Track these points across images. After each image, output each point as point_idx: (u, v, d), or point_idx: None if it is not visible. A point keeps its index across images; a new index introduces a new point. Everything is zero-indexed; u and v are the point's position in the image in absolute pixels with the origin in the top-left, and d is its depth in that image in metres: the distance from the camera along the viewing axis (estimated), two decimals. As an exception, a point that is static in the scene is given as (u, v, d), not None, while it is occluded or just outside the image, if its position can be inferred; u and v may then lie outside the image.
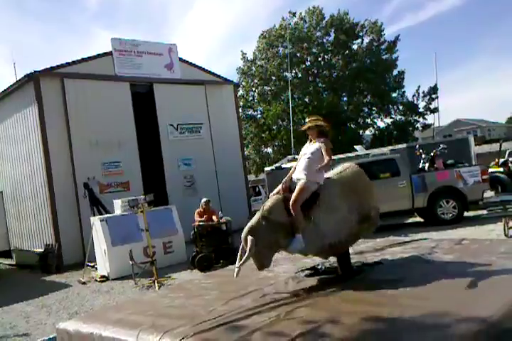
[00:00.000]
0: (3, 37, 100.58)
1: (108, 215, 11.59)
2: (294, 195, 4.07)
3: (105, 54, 15.01)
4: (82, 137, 13.98)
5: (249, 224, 3.96)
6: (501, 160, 16.39)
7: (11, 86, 14.65)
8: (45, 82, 13.67)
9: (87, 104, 14.18)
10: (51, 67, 13.96)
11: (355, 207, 4.16)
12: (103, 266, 10.73)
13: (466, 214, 12.07)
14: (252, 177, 27.97)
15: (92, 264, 11.46)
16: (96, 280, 10.42)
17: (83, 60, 14.56)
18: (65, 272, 12.22)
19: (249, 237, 3.84)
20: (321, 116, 4.62)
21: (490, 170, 14.11)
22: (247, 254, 3.80)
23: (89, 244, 11.12)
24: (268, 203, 4.11)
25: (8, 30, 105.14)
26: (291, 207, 3.99)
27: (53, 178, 13.46)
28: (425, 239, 5.85)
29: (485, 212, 10.58)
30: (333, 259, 4.56)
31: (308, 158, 4.27)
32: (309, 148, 4.36)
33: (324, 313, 3.20)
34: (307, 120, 4.51)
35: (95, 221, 11.02)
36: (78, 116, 13.99)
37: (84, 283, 10.35)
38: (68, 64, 14.25)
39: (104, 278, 10.40)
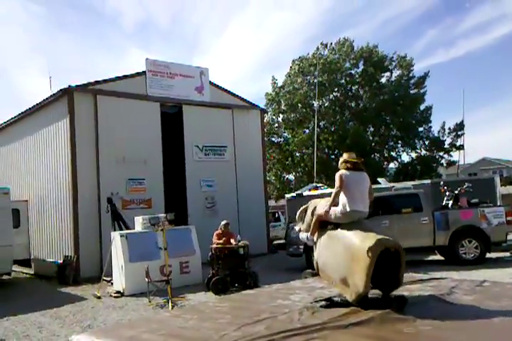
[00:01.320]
0: (41, 49, 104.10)
1: (128, 231, 11.71)
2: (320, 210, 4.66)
3: (138, 74, 15.46)
4: (109, 153, 14.29)
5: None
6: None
7: (45, 99, 15.12)
8: (78, 97, 14.10)
9: (117, 121, 14.54)
10: (86, 83, 14.41)
11: (340, 265, 4.35)
12: (119, 281, 10.78)
13: (488, 255, 11.82)
14: (272, 202, 27.94)
15: (108, 279, 11.53)
16: (111, 296, 10.46)
17: (117, 78, 15.02)
18: (81, 285, 12.31)
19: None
20: (346, 149, 4.84)
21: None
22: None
23: (107, 259, 11.22)
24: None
25: (45, 43, 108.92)
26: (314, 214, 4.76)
27: (78, 191, 13.71)
28: (445, 278, 5.75)
29: (507, 254, 10.38)
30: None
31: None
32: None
33: (337, 347, 3.16)
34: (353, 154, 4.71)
35: (116, 236, 11.14)
36: (108, 132, 14.33)
37: (99, 297, 10.39)
38: (103, 81, 14.71)
39: (119, 294, 10.43)
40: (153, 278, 9.71)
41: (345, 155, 4.68)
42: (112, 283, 11.31)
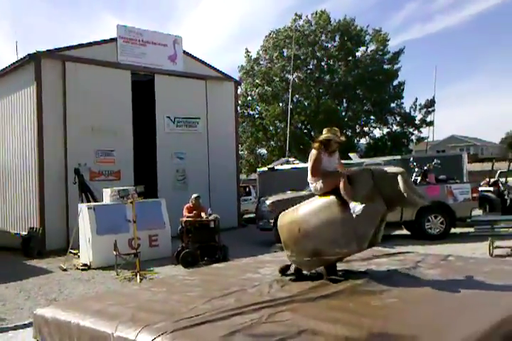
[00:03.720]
0: (4, 13, 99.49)
1: (96, 203, 11.50)
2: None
3: (109, 40, 14.90)
4: (77, 122, 13.85)
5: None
6: (492, 179, 16.52)
7: (11, 64, 14.48)
8: (46, 63, 13.52)
9: (86, 89, 14.05)
10: (54, 49, 13.83)
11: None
12: (86, 254, 10.64)
13: (452, 230, 12.15)
14: (243, 176, 27.94)
15: (74, 251, 11.37)
16: (77, 268, 10.32)
17: (87, 44, 14.44)
18: (46, 257, 12.09)
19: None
20: (335, 128, 4.71)
21: (480, 188, 14.21)
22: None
23: (74, 231, 11.04)
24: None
25: (10, 6, 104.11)
26: None
27: (44, 161, 13.33)
28: (411, 252, 5.87)
29: (472, 229, 10.68)
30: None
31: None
32: (336, 159, 4.70)
33: (306, 319, 3.19)
34: (336, 133, 4.58)
35: (83, 208, 10.93)
36: (76, 100, 13.86)
37: (65, 270, 10.25)
38: (71, 47, 14.13)
39: (86, 267, 10.30)
40: (121, 251, 9.61)
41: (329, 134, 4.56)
42: (78, 256, 11.17)
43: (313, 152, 4.52)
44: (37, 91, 13.34)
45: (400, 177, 4.09)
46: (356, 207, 4.06)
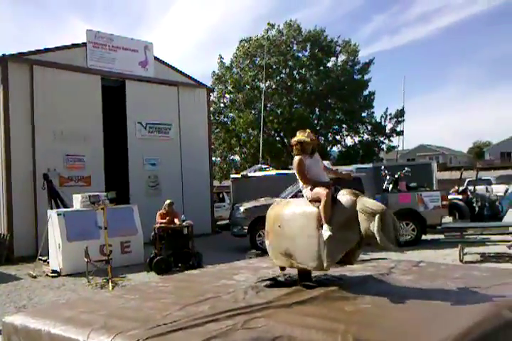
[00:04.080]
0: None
1: (66, 209, 11.28)
2: None
3: (79, 45, 14.73)
4: (46, 127, 13.61)
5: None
6: (461, 188, 16.92)
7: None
8: (13, 66, 13.27)
9: (55, 93, 13.84)
10: (21, 53, 13.59)
11: None
12: (56, 261, 10.40)
13: (423, 237, 12.37)
14: (216, 183, 27.86)
15: (44, 258, 11.10)
16: (47, 275, 10.09)
17: (56, 48, 14.25)
18: (15, 264, 11.80)
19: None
20: (308, 130, 4.67)
21: (450, 196, 14.53)
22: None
23: (43, 237, 10.79)
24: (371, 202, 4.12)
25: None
26: None
27: (12, 166, 13.03)
28: (384, 258, 5.94)
29: (442, 236, 10.89)
30: (293, 271, 4.58)
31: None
32: (318, 158, 4.64)
33: (281, 326, 3.18)
34: (308, 134, 4.53)
35: (52, 214, 10.70)
36: (45, 105, 13.63)
37: (34, 276, 10.00)
38: (40, 51, 13.90)
39: (56, 274, 10.07)
40: (92, 257, 9.44)
41: (301, 136, 4.52)
42: (48, 263, 10.91)
43: (295, 158, 4.48)
44: (3, 95, 13.09)
45: (377, 218, 3.88)
46: (326, 233, 4.00)
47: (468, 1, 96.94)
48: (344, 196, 4.17)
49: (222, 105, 31.27)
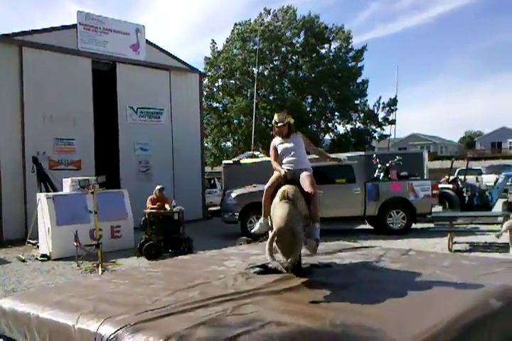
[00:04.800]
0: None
1: (56, 193, 11.21)
2: (311, 182, 4.21)
3: (69, 26, 14.50)
4: (36, 109, 13.46)
5: (286, 214, 3.78)
6: (451, 177, 17.01)
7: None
8: (2, 47, 13.07)
9: (44, 75, 13.65)
10: (10, 33, 13.35)
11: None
12: (45, 244, 10.36)
13: (413, 225, 12.46)
14: (208, 169, 27.82)
15: (33, 242, 11.07)
16: (36, 259, 10.06)
17: (45, 30, 14.04)
18: (4, 248, 11.75)
19: (298, 229, 3.77)
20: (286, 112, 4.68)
21: (440, 185, 14.60)
22: (300, 246, 3.85)
23: (32, 221, 10.73)
24: (291, 191, 4.01)
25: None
26: (313, 194, 4.13)
27: (0, 149, 12.92)
28: (374, 246, 5.97)
29: (432, 225, 10.97)
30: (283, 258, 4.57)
31: (300, 151, 4.45)
32: (292, 142, 4.46)
33: (270, 312, 3.19)
34: (279, 116, 4.51)
35: (42, 197, 10.63)
36: (34, 87, 13.46)
37: (23, 260, 9.96)
38: (29, 32, 13.67)
39: (46, 258, 10.04)
40: (82, 242, 9.42)
41: (275, 117, 4.52)
42: (37, 246, 10.87)
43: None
44: (-8, 77, 12.85)
45: (271, 233, 3.82)
46: (256, 224, 4.12)
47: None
48: (278, 196, 4.06)
49: (214, 90, 31.06)
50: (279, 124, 4.46)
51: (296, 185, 4.22)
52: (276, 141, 4.53)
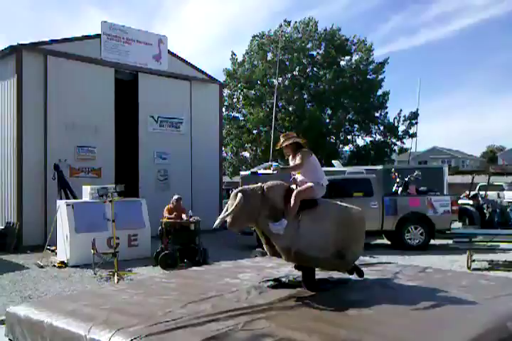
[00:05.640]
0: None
1: (75, 200, 11.36)
2: (302, 187, 4.37)
3: (93, 36, 14.78)
4: (58, 117, 13.70)
5: (246, 187, 4.28)
6: (472, 193, 16.74)
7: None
8: (28, 56, 13.35)
9: (68, 84, 13.91)
10: (36, 42, 13.66)
11: (337, 238, 4.21)
12: (63, 251, 10.48)
13: (432, 241, 12.27)
14: (226, 179, 27.87)
15: (52, 248, 11.19)
16: (54, 266, 10.14)
17: (70, 39, 14.33)
18: (23, 253, 11.90)
19: (240, 194, 4.10)
20: (295, 133, 4.92)
21: (460, 201, 14.38)
22: (232, 208, 4.08)
23: (51, 227, 10.87)
24: (271, 182, 4.39)
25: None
26: (294, 196, 4.25)
27: (23, 156, 13.13)
28: (390, 263, 5.90)
29: (451, 241, 10.78)
30: (298, 273, 4.56)
31: (303, 169, 4.57)
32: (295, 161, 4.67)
33: (282, 328, 3.17)
34: (282, 138, 4.73)
35: (62, 204, 10.77)
36: (58, 95, 13.71)
37: (41, 266, 10.07)
38: (54, 41, 13.97)
39: (63, 265, 10.13)
40: (99, 249, 9.48)
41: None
42: (55, 253, 10.99)
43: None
44: (17, 85, 13.16)
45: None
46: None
47: (488, 2, 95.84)
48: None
49: (234, 100, 31.21)
50: (282, 146, 4.73)
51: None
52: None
